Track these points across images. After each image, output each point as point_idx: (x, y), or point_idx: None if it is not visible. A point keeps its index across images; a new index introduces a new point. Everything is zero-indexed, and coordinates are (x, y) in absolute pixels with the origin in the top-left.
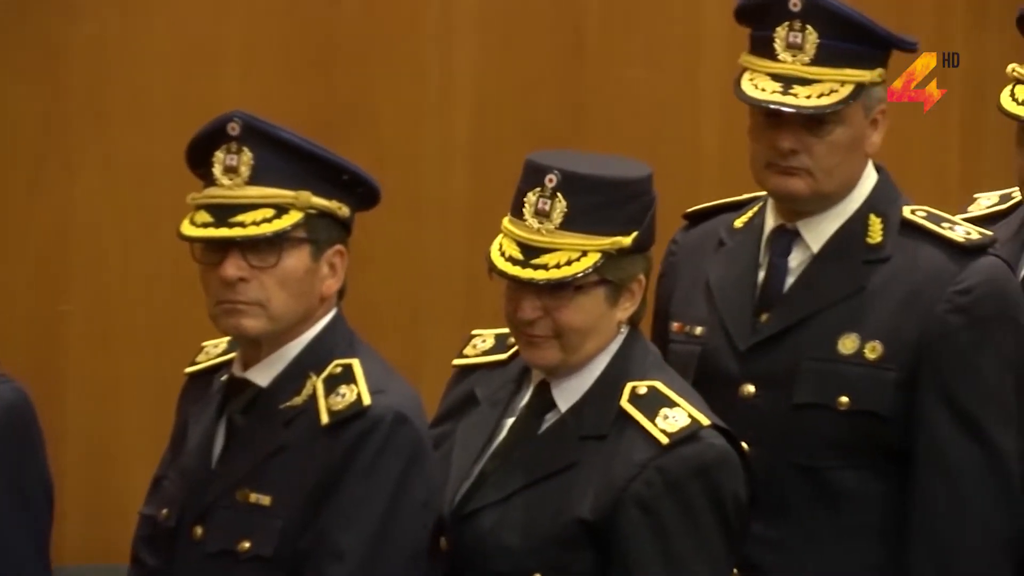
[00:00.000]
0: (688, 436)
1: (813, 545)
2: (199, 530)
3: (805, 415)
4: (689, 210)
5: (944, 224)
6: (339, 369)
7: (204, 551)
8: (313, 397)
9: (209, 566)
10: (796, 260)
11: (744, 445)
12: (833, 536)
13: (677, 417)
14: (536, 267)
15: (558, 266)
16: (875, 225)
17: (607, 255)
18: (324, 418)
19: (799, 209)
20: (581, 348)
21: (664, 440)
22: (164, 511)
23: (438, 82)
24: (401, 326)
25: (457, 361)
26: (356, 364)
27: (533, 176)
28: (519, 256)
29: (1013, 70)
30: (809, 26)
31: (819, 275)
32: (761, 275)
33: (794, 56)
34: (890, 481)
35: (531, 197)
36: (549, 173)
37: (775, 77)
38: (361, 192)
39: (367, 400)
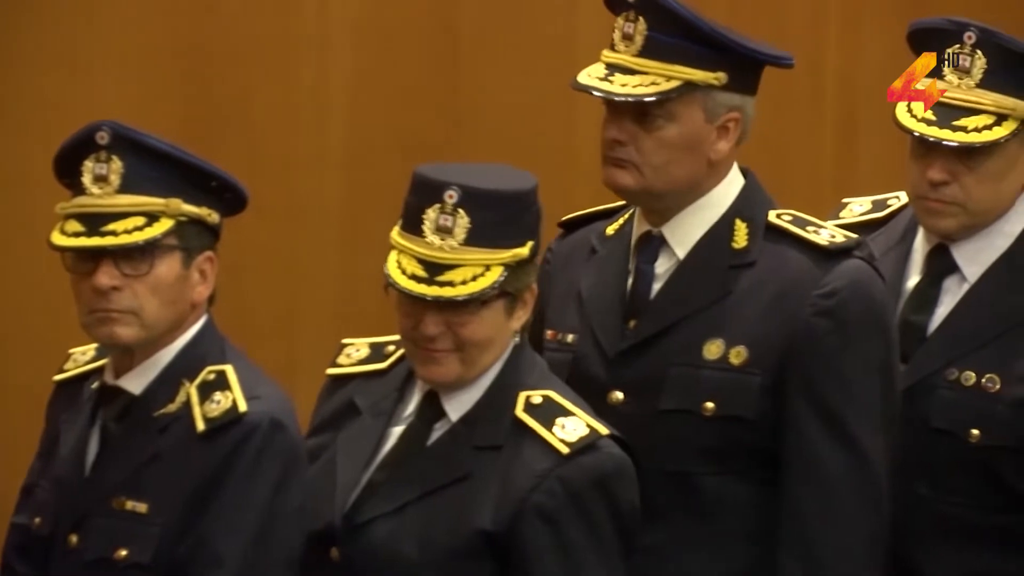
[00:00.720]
0: (587, 446)
1: (683, 550)
2: (74, 538)
3: (672, 421)
4: (564, 218)
5: (809, 228)
6: (212, 376)
7: (81, 559)
8: (187, 404)
9: (86, 574)
10: (663, 266)
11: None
12: (703, 541)
13: (575, 427)
14: (442, 284)
15: (464, 282)
16: (740, 230)
17: (508, 267)
18: (200, 425)
19: (650, 209)
20: (480, 361)
21: (564, 450)
22: (37, 519)
23: (312, 88)
24: (275, 332)
25: (331, 371)
26: (229, 370)
27: (429, 191)
28: (422, 273)
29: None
30: (641, 18)
31: (685, 281)
32: (630, 282)
33: (626, 47)
34: (758, 485)
35: (431, 213)
36: (448, 189)
37: (608, 66)
38: (229, 198)
39: (243, 407)
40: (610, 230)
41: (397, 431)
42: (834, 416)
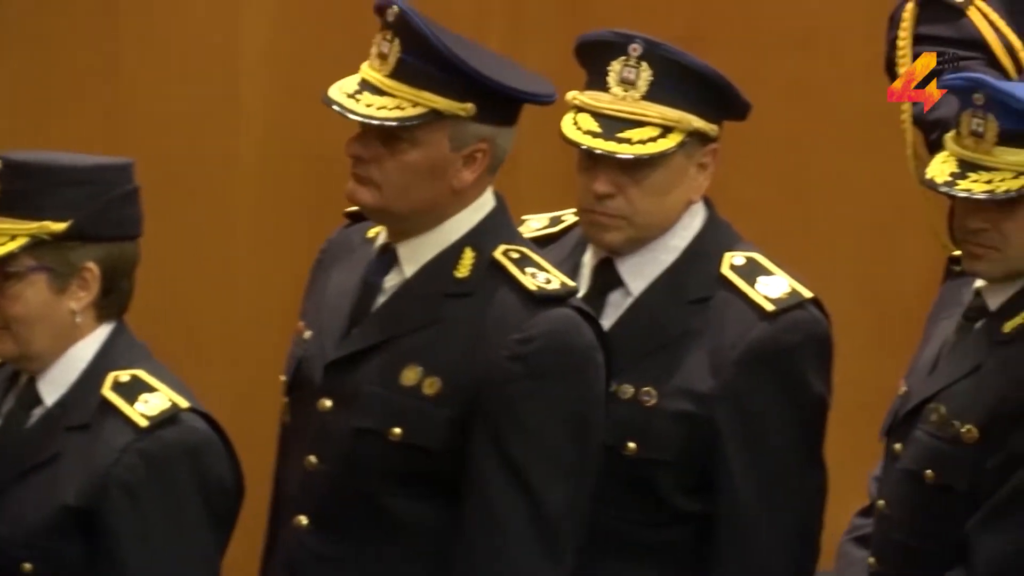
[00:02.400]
0: (168, 419)
1: (368, 567)
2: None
3: (364, 440)
4: (349, 208)
5: (528, 269)
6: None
7: None
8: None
9: None
10: (391, 282)
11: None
12: (387, 561)
13: (157, 401)
14: None
15: None
16: (467, 259)
17: (36, 240)
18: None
19: (389, 226)
20: (34, 341)
21: (143, 423)
22: None
23: None
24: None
25: None
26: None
27: None
28: None
29: (574, 98)
30: (397, 39)
31: (402, 302)
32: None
33: (380, 65)
34: (443, 511)
35: None
36: None
37: (360, 82)
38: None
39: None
40: (371, 233)
41: None
42: (514, 463)
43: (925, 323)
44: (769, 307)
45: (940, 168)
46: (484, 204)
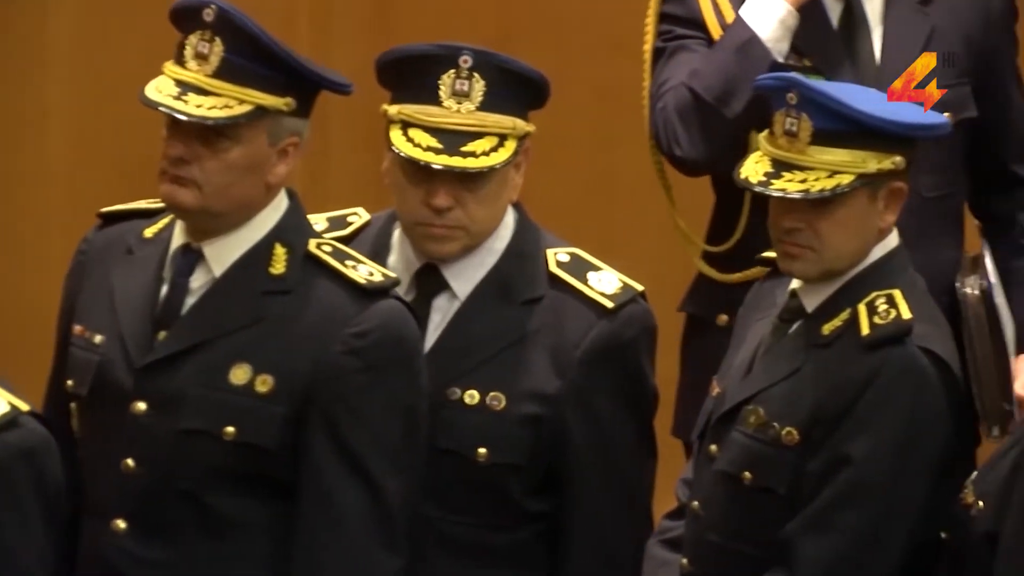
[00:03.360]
0: (8, 422)
1: (199, 570)
2: None
3: (191, 441)
4: (103, 210)
5: (348, 262)
6: None
7: None
8: None
9: None
10: (198, 282)
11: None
12: (217, 562)
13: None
14: None
15: None
16: (280, 255)
17: None
18: None
19: (198, 226)
20: None
21: None
22: None
23: None
24: None
25: None
26: None
27: None
28: None
29: (400, 112)
30: (218, 39)
31: (217, 301)
32: (164, 292)
33: (199, 66)
34: (275, 511)
35: None
36: None
37: (179, 83)
38: None
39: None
40: (149, 232)
41: None
42: (354, 455)
43: (735, 325)
44: (608, 304)
45: (754, 168)
46: (283, 200)
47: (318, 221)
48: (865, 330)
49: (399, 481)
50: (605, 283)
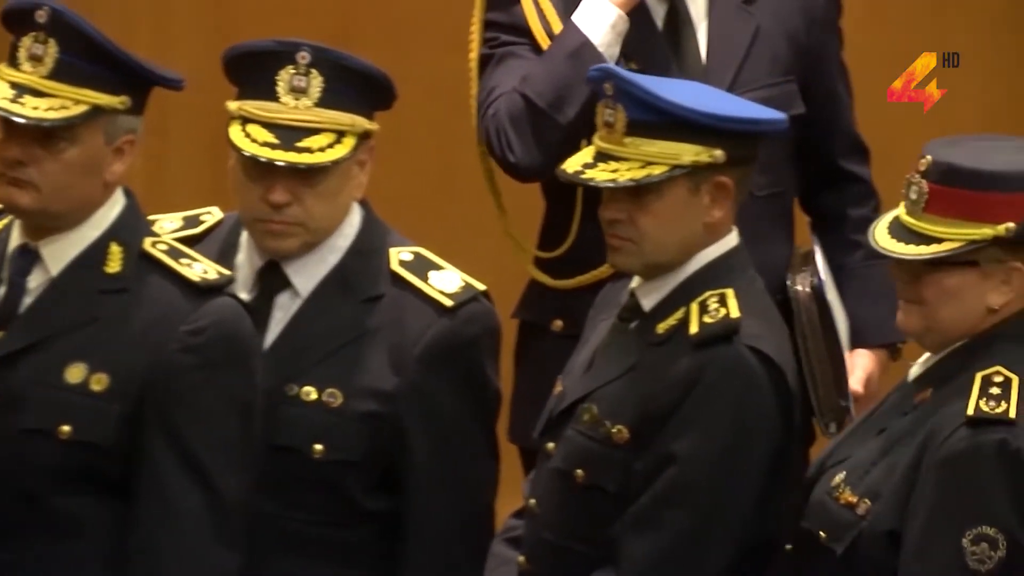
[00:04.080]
0: None
1: (38, 572)
2: None
3: (29, 441)
4: None
5: (183, 260)
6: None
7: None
8: None
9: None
10: (35, 281)
11: None
12: (58, 563)
13: None
14: None
15: None
16: (115, 254)
17: None
18: None
19: (36, 226)
20: None
21: None
22: None
23: None
24: None
25: None
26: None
27: None
28: None
29: (240, 108)
30: (52, 40)
31: (53, 300)
32: (1, 293)
33: (33, 67)
34: (114, 511)
35: None
36: None
37: (13, 85)
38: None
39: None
40: None
41: None
42: (191, 453)
43: (584, 326)
44: (447, 302)
45: (577, 158)
46: (119, 197)
47: (173, 220)
48: (694, 328)
49: (236, 478)
50: (446, 282)
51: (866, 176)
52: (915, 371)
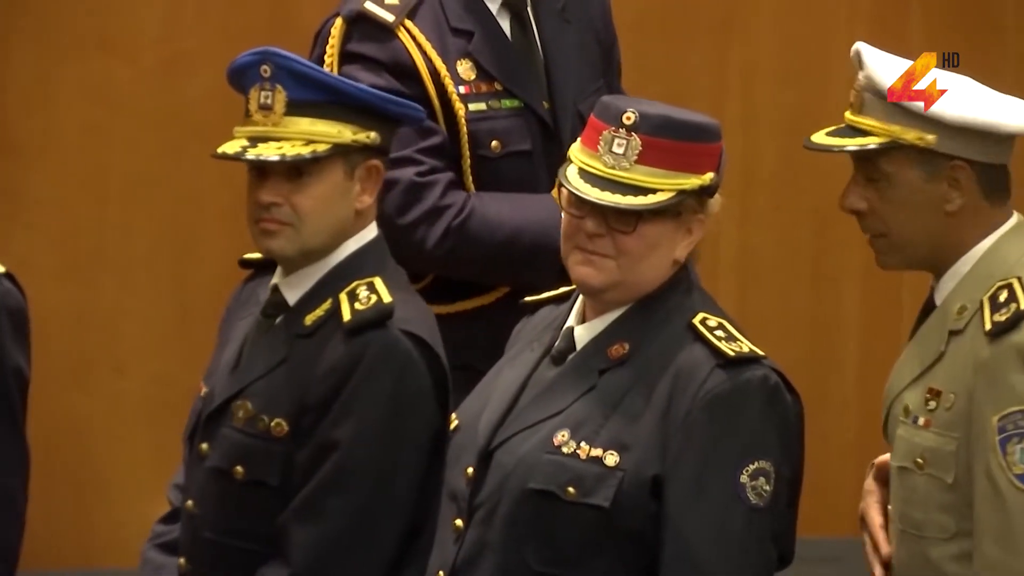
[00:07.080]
0: None
1: None
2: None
3: None
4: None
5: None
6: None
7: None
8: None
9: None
10: None
11: None
12: None
13: None
14: None
15: None
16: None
17: None
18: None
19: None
20: None
21: None
22: None
23: None
24: None
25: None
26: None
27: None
28: None
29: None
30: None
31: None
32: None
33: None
34: None
35: None
36: None
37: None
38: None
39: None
40: None
41: None
42: None
43: (219, 326)
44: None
45: (231, 144)
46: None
47: None
48: (347, 316)
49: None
50: None
51: None
52: (583, 333)
